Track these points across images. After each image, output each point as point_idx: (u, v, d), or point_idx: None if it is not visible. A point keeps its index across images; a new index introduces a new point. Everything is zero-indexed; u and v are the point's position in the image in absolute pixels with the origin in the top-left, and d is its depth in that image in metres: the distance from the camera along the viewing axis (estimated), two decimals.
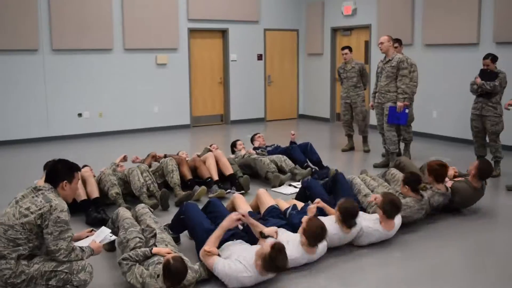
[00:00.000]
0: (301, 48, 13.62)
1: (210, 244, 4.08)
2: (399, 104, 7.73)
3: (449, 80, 9.85)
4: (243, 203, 5.00)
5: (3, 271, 3.32)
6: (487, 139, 7.48)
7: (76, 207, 5.61)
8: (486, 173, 5.75)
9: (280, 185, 6.93)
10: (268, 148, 7.93)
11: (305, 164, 7.51)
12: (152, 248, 3.97)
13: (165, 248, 3.98)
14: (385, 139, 7.99)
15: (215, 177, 6.68)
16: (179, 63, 11.90)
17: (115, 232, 4.39)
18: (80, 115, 10.88)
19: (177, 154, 7.09)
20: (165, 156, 6.81)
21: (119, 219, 4.43)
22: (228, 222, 4.21)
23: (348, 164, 8.48)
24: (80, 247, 3.57)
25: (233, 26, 12.49)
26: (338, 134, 10.90)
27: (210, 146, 7.56)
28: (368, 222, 4.82)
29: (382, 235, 4.86)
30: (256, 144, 8.19)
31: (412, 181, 5.33)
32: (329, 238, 4.44)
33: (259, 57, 13.01)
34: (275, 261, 3.80)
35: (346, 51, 9.21)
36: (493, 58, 7.26)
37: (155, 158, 6.94)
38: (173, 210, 5.59)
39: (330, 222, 4.59)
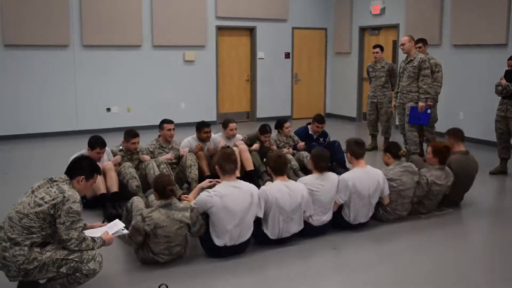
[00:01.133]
0: (329, 47, 13.60)
1: (188, 196, 4.80)
2: (420, 104, 7.69)
3: (477, 81, 9.71)
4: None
5: (17, 257, 3.46)
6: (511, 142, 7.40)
7: (95, 201, 5.79)
8: (458, 132, 6.02)
9: None
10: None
11: (329, 164, 7.43)
12: None
13: None
14: (406, 139, 7.95)
15: (237, 174, 6.72)
16: (207, 60, 12.03)
17: (128, 220, 4.53)
18: (108, 109, 11.13)
19: (227, 126, 7.17)
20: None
21: (133, 209, 4.58)
22: (203, 182, 4.99)
23: (370, 163, 8.39)
24: (91, 237, 3.69)
25: (261, 24, 12.55)
26: (363, 133, 10.86)
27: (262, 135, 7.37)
28: (344, 173, 5.32)
29: (361, 173, 5.16)
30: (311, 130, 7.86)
31: (392, 147, 5.64)
32: (310, 185, 4.91)
33: (287, 55, 13.05)
34: (224, 151, 4.74)
35: (377, 49, 9.18)
36: None
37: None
38: None
39: (307, 177, 5.11)
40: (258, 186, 6.58)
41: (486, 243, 5.10)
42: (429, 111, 7.76)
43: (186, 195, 4.78)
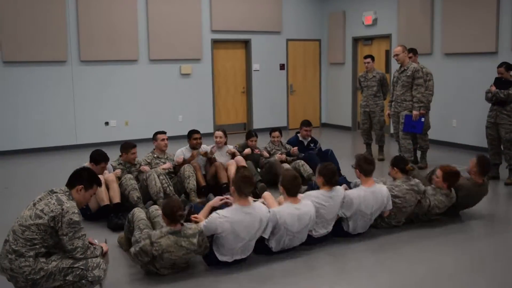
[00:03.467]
0: (323, 57, 13.80)
1: (198, 216, 4.73)
2: (414, 112, 7.84)
3: (468, 88, 9.88)
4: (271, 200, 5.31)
5: (23, 268, 3.58)
6: (502, 147, 7.54)
7: (99, 213, 5.92)
8: (486, 166, 5.88)
9: None
10: (302, 155, 7.91)
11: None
12: None
13: None
14: (400, 147, 8.09)
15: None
16: (203, 73, 12.20)
17: (130, 231, 4.65)
18: (107, 123, 11.27)
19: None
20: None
21: (134, 220, 4.68)
22: (214, 201, 5.00)
23: None
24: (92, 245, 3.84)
25: (256, 37, 12.75)
26: (358, 142, 11.01)
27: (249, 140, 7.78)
28: (350, 190, 5.28)
29: (368, 194, 5.15)
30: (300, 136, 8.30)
31: (399, 162, 5.65)
32: (317, 202, 4.91)
33: (282, 66, 13.23)
34: (242, 173, 4.51)
35: (369, 60, 9.33)
36: (507, 66, 7.34)
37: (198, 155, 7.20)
38: None
39: (315, 191, 5.10)
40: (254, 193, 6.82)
41: (482, 249, 5.15)
42: (423, 119, 7.91)
43: (195, 216, 4.72)
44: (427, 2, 10.55)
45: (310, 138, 8.30)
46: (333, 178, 5.02)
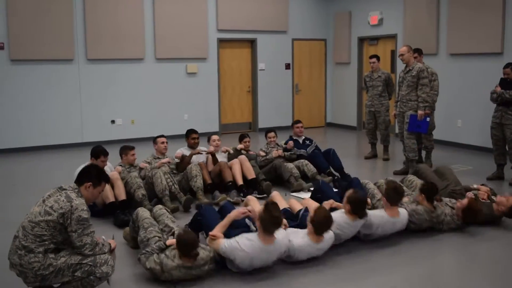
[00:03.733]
0: (328, 57, 13.83)
1: (216, 230, 4.50)
2: (419, 112, 7.86)
3: (474, 89, 9.89)
4: (256, 204, 5.24)
5: (32, 264, 3.64)
6: (507, 148, 7.56)
7: (104, 209, 6.00)
8: None
9: (300, 191, 7.14)
10: (302, 151, 8.06)
11: (328, 171, 7.69)
12: (165, 241, 4.37)
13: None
14: (405, 147, 8.12)
15: (240, 182, 6.96)
16: (209, 72, 12.25)
17: (135, 230, 4.70)
18: (113, 122, 11.34)
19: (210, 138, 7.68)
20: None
21: (139, 219, 4.72)
22: (235, 213, 4.66)
23: (369, 171, 8.65)
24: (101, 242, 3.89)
25: (262, 36, 12.79)
26: (363, 142, 11.04)
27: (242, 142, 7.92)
28: (373, 212, 5.13)
29: (388, 222, 5.08)
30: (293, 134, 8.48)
31: (429, 191, 5.39)
32: (339, 228, 4.79)
33: (287, 66, 13.27)
34: (271, 212, 4.23)
35: (374, 59, 9.36)
36: None
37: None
38: (194, 211, 5.94)
39: (340, 214, 4.92)
40: (260, 191, 6.87)
41: (487, 251, 5.14)
42: (428, 119, 7.93)
43: (214, 234, 4.45)
44: (433, 3, 10.57)
45: (304, 136, 8.44)
46: (360, 210, 4.85)
